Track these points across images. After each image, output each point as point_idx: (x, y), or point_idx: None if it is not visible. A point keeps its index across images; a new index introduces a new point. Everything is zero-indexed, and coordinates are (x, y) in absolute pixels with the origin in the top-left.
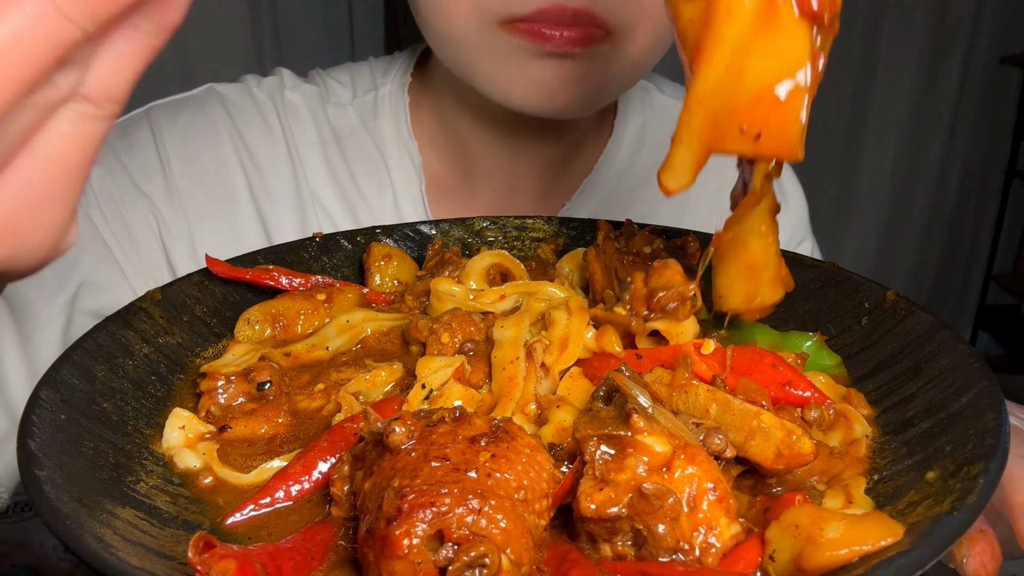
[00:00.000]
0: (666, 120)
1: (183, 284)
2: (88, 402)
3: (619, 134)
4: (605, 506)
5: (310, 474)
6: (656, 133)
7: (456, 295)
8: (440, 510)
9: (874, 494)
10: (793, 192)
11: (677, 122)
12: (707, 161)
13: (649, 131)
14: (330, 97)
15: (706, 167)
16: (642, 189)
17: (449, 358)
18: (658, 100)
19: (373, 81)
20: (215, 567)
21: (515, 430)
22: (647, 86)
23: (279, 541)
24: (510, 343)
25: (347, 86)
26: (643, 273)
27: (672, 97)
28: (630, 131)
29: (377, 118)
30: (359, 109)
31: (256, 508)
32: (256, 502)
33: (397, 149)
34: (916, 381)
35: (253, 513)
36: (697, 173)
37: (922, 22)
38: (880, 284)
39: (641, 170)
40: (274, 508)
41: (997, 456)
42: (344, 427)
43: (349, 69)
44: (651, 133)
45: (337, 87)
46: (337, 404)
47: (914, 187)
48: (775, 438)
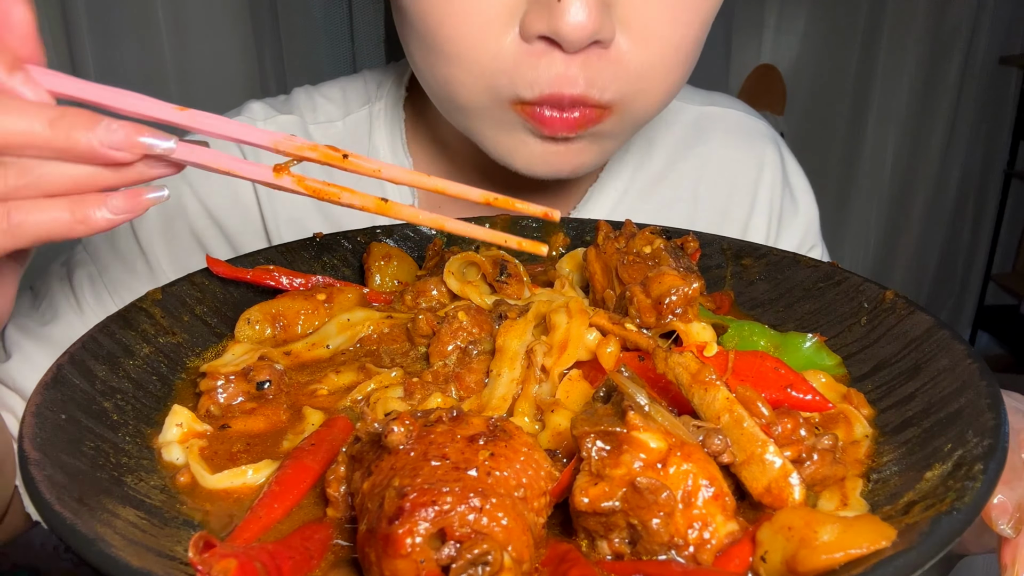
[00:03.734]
0: (674, 125)
1: (183, 284)
2: (88, 402)
3: (626, 145)
4: (599, 500)
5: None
6: (665, 139)
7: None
8: (442, 508)
9: (873, 494)
10: (804, 196)
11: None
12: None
13: (657, 137)
14: (317, 117)
15: (707, 147)
16: (648, 195)
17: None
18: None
19: (367, 95)
20: (215, 567)
21: (512, 429)
22: None
23: (278, 540)
24: (509, 358)
25: (338, 102)
26: (641, 286)
27: (680, 100)
28: (637, 141)
29: (372, 134)
30: (352, 125)
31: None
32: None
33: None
34: (915, 381)
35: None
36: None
37: (922, 22)
38: (879, 284)
39: (648, 176)
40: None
41: (996, 456)
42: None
43: (341, 84)
44: (660, 139)
45: (325, 104)
46: (360, 412)
47: (914, 187)
48: (771, 474)
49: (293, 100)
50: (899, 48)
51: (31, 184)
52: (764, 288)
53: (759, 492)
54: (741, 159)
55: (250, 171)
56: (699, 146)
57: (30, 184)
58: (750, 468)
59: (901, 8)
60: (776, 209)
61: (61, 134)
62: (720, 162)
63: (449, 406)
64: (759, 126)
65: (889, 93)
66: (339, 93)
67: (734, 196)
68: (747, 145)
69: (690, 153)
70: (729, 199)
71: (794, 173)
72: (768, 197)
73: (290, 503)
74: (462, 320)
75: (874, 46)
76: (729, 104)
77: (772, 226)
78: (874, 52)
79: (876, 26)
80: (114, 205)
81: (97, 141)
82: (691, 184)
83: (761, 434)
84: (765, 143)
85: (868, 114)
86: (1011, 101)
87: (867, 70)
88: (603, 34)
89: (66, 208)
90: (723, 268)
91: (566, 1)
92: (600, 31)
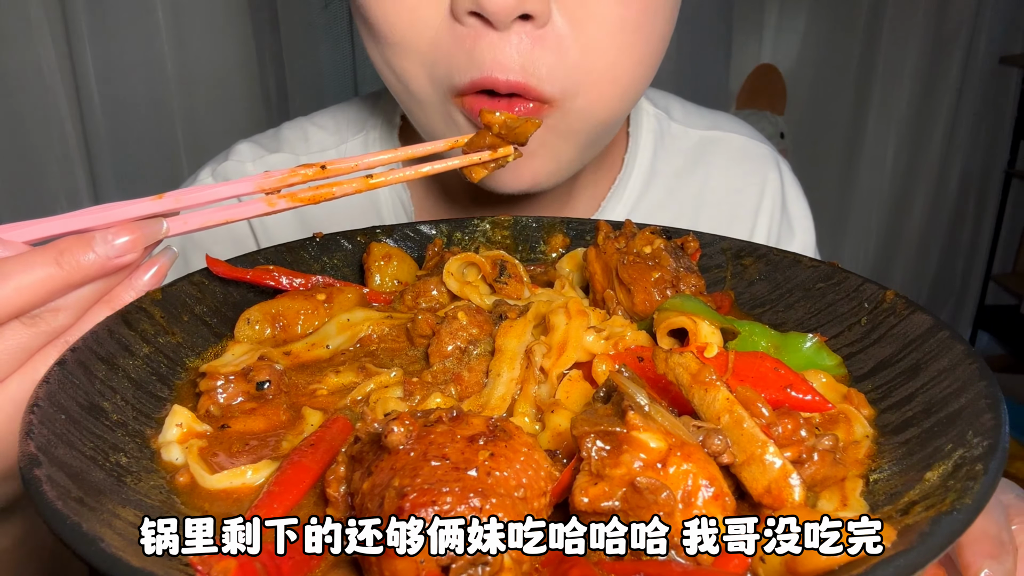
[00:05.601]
0: (676, 150)
1: (183, 284)
2: (88, 402)
3: (628, 169)
4: (599, 500)
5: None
6: (667, 165)
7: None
8: (442, 508)
9: (873, 494)
10: (801, 223)
11: None
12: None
13: (660, 163)
14: (309, 147)
15: (708, 174)
16: (650, 221)
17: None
18: (668, 129)
19: (362, 123)
20: (215, 567)
21: (512, 429)
22: (658, 115)
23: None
24: (509, 358)
25: (331, 131)
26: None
27: (682, 124)
28: (640, 164)
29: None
30: (347, 153)
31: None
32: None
33: (390, 197)
34: (915, 381)
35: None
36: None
37: (922, 22)
38: (879, 284)
39: (650, 204)
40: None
41: (996, 456)
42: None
43: (333, 113)
44: (662, 166)
45: (318, 133)
46: (360, 413)
47: (914, 187)
48: (771, 475)
49: (282, 135)
50: (899, 48)
51: (72, 314)
52: (764, 288)
53: (759, 492)
54: (742, 186)
55: (246, 211)
56: (700, 172)
57: (70, 314)
58: (750, 468)
59: (901, 8)
60: (773, 233)
61: (69, 266)
62: (721, 189)
63: (449, 406)
64: (762, 150)
65: (889, 93)
66: (331, 121)
67: (734, 223)
68: (749, 172)
69: (691, 179)
70: (730, 225)
71: (793, 200)
72: (767, 224)
73: (290, 503)
74: (462, 320)
75: (874, 46)
76: (732, 128)
77: None
78: (874, 52)
79: (876, 26)
80: (139, 286)
81: (104, 255)
82: (691, 211)
83: (761, 435)
84: (768, 169)
85: (868, 114)
86: (1011, 101)
87: (867, 70)
88: (530, 5)
89: (108, 308)
90: (723, 268)
91: None
92: (525, 2)
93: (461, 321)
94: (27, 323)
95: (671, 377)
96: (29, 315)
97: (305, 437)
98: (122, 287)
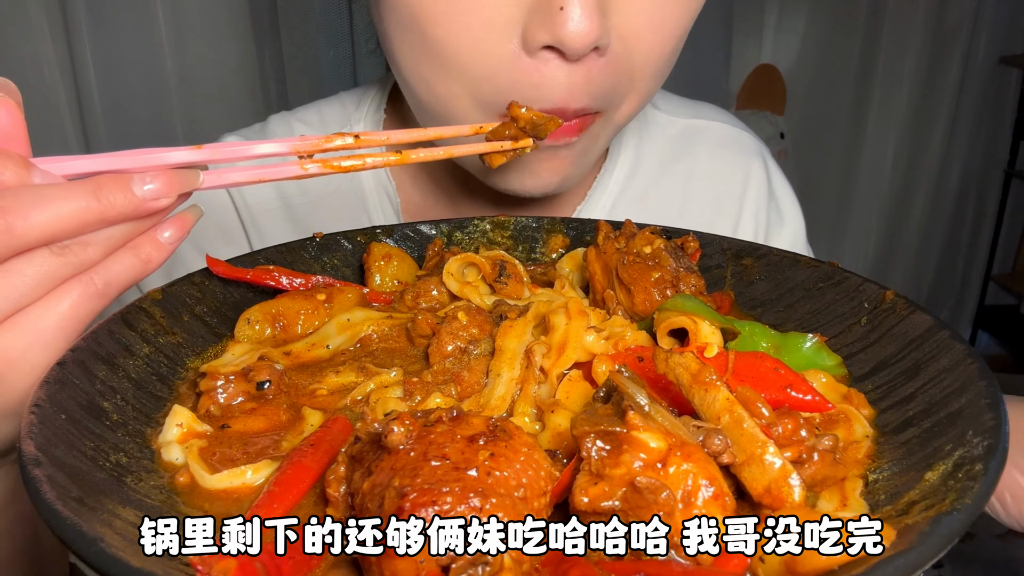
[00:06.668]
0: (661, 138)
1: (183, 284)
2: (88, 402)
3: (613, 160)
4: (599, 499)
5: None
6: (651, 153)
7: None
8: (442, 508)
9: (873, 494)
10: (789, 208)
11: None
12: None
13: (645, 152)
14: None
15: (694, 162)
16: (636, 210)
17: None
18: (653, 118)
19: (346, 118)
20: (216, 567)
21: (512, 429)
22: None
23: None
24: (509, 358)
25: (315, 126)
26: (645, 283)
27: (667, 113)
28: (625, 155)
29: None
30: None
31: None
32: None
33: (375, 190)
34: (915, 381)
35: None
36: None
37: (922, 22)
38: (879, 284)
39: (635, 191)
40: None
41: (996, 456)
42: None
43: (318, 106)
44: (647, 154)
45: (303, 129)
46: (360, 413)
47: (914, 187)
48: (771, 474)
49: (268, 128)
50: (899, 48)
51: (101, 250)
52: (764, 288)
53: (759, 492)
54: (727, 173)
55: (279, 172)
56: (685, 160)
57: (99, 250)
58: (750, 468)
59: (901, 8)
60: (762, 222)
61: (106, 201)
62: (706, 176)
63: (449, 406)
64: (744, 138)
65: (889, 93)
66: (316, 116)
67: (720, 210)
68: (733, 158)
69: (676, 167)
70: (716, 213)
71: (779, 185)
72: (754, 210)
73: (290, 503)
74: (462, 320)
75: (874, 46)
76: (715, 116)
77: (759, 239)
78: (874, 52)
79: (876, 26)
80: (166, 238)
81: (140, 197)
82: (678, 198)
83: (761, 435)
84: (751, 155)
85: (868, 114)
86: (1011, 101)
87: (867, 70)
88: (603, 40)
89: (132, 255)
90: (723, 268)
91: (569, 8)
92: (601, 37)
93: (461, 321)
94: (56, 252)
95: (671, 377)
96: (59, 244)
97: (305, 437)
98: (145, 238)
